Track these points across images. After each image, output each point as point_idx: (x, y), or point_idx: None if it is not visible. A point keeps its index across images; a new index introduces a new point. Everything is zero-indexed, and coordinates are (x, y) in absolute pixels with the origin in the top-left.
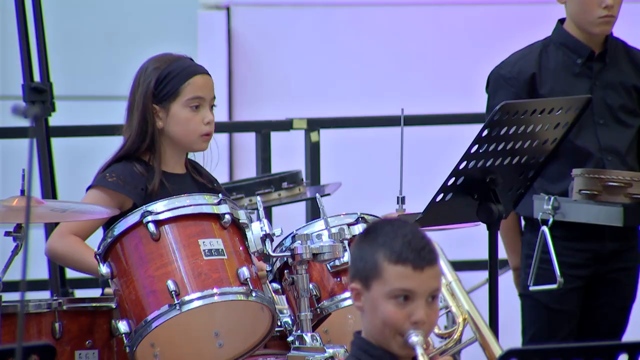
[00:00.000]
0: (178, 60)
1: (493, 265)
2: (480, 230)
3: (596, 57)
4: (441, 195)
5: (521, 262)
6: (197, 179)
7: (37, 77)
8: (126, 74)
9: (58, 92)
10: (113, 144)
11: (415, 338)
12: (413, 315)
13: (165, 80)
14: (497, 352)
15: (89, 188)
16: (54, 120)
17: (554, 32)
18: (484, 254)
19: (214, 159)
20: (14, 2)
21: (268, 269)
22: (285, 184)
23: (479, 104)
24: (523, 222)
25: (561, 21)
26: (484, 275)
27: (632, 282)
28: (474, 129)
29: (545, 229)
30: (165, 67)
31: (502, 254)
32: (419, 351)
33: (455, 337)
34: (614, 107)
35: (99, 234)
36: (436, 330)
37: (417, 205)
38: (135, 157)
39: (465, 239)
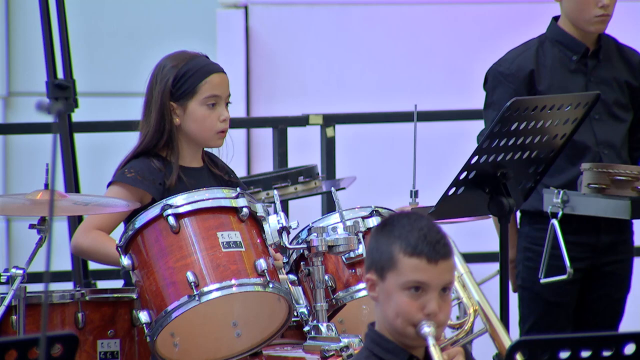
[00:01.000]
0: (195, 58)
1: (504, 258)
2: (490, 222)
3: (590, 54)
4: (453, 189)
5: (518, 254)
6: (214, 172)
7: (60, 75)
8: (146, 71)
9: (81, 89)
10: (133, 139)
11: (427, 329)
12: (426, 307)
13: (183, 78)
14: (507, 343)
15: (109, 184)
16: (77, 116)
17: (549, 29)
18: (493, 246)
19: (229, 153)
20: (38, 1)
21: (285, 261)
22: (301, 178)
23: None
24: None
25: (555, 19)
26: (494, 267)
27: (627, 273)
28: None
29: (555, 222)
30: (182, 66)
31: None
32: (431, 342)
33: (466, 328)
34: (608, 102)
35: (120, 227)
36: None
37: (430, 198)
38: (153, 152)
39: (476, 232)
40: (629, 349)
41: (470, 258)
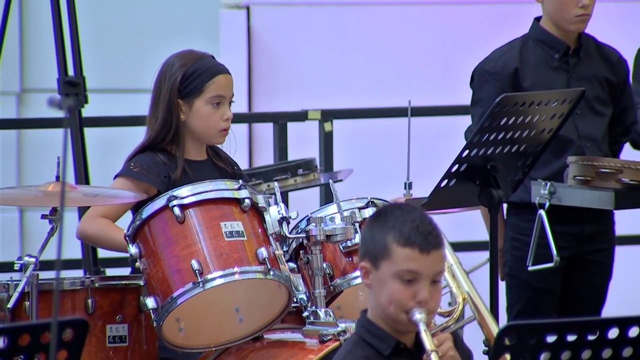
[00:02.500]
0: (202, 58)
1: (494, 246)
2: (478, 213)
3: (571, 52)
4: (445, 181)
5: (505, 244)
6: (218, 164)
7: (71, 72)
8: (153, 68)
9: (90, 86)
10: (141, 133)
11: (418, 315)
12: (417, 295)
13: (191, 77)
14: (494, 329)
15: (115, 177)
16: (87, 111)
17: (532, 29)
18: (481, 236)
19: (232, 147)
20: (50, 2)
21: (285, 249)
22: (300, 171)
23: None
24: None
25: (537, 19)
26: (482, 255)
27: (609, 262)
28: None
29: (542, 212)
30: (191, 65)
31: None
32: (422, 327)
33: (455, 315)
34: (589, 98)
35: (127, 216)
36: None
37: (423, 190)
38: (159, 147)
39: (466, 222)
40: (613, 333)
41: (461, 247)
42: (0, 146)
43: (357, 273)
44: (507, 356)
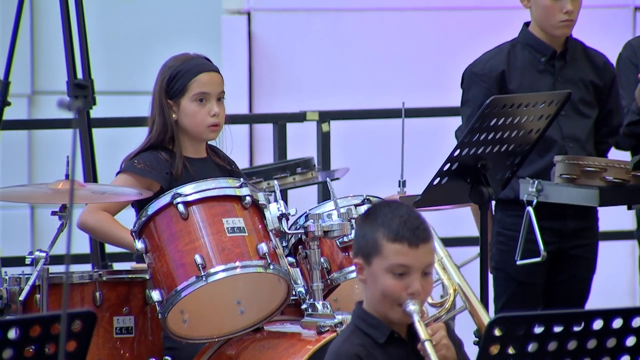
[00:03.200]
0: (190, 59)
1: (484, 242)
2: (469, 210)
3: (558, 56)
4: (438, 179)
5: (492, 238)
6: (217, 162)
7: (79, 75)
8: (156, 71)
9: (98, 88)
10: (145, 133)
11: (412, 307)
12: (410, 287)
13: (175, 78)
14: (485, 319)
15: (118, 173)
16: (95, 112)
17: (520, 34)
18: (471, 231)
19: (229, 147)
20: (60, 8)
21: (284, 245)
22: (299, 169)
23: None
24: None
25: (526, 24)
26: (472, 250)
27: (592, 256)
28: None
29: (530, 209)
30: (177, 66)
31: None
32: (416, 318)
33: (447, 306)
34: (574, 100)
35: (132, 213)
36: (430, 300)
37: (416, 188)
38: (161, 146)
39: (458, 218)
40: (597, 324)
41: (452, 242)
42: (12, 146)
43: (353, 267)
44: (497, 346)
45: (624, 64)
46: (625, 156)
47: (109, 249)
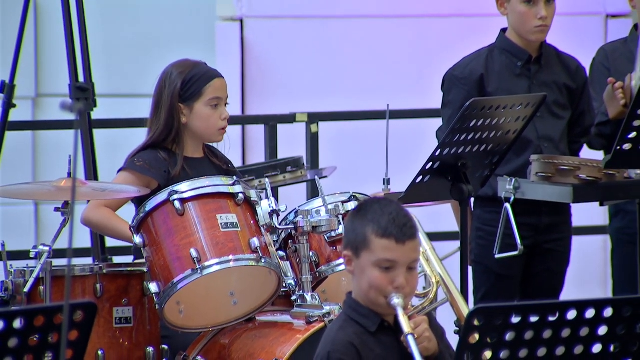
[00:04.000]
0: (198, 65)
1: (464, 236)
2: (449, 206)
3: (533, 60)
4: (420, 177)
5: (471, 233)
6: (213, 162)
7: (81, 78)
8: (155, 75)
9: (99, 91)
10: (144, 134)
11: (396, 300)
12: (395, 281)
13: (190, 82)
14: (465, 310)
15: (120, 170)
16: (96, 114)
17: (498, 39)
18: (452, 227)
19: (226, 146)
20: (62, 15)
21: (275, 239)
22: (289, 168)
23: None
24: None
25: (503, 30)
26: (453, 244)
27: (566, 250)
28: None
29: (508, 205)
30: (189, 72)
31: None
32: (400, 312)
33: (430, 296)
34: (549, 102)
35: (132, 209)
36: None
37: (400, 185)
38: (160, 146)
39: (439, 214)
40: (571, 314)
41: (434, 237)
42: (17, 146)
43: (341, 260)
44: (476, 335)
45: (597, 68)
46: (598, 155)
47: (109, 243)
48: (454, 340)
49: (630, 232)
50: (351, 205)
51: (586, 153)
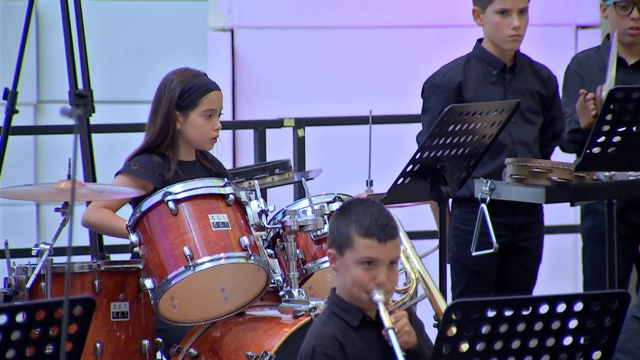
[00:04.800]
0: (198, 76)
1: (442, 235)
2: (428, 206)
3: (508, 69)
4: (401, 179)
5: (449, 232)
6: (204, 165)
7: (80, 85)
8: (151, 83)
9: (97, 97)
10: (140, 139)
11: (378, 296)
12: (377, 278)
13: (188, 92)
14: (442, 305)
15: (117, 173)
16: (94, 119)
17: (474, 49)
18: (430, 226)
19: (219, 151)
20: (62, 24)
21: (264, 238)
22: (277, 170)
23: None
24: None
25: (479, 40)
26: (432, 242)
27: (539, 248)
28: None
29: (484, 206)
30: (188, 82)
31: (434, 226)
32: (381, 307)
33: (410, 292)
34: (522, 108)
35: (128, 209)
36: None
37: (382, 187)
38: (155, 150)
39: (419, 213)
40: (543, 309)
41: (414, 235)
42: (20, 150)
43: (326, 258)
44: (454, 328)
45: (571, 76)
46: (569, 158)
47: (107, 241)
48: (432, 334)
49: (600, 231)
50: (336, 206)
51: (557, 156)
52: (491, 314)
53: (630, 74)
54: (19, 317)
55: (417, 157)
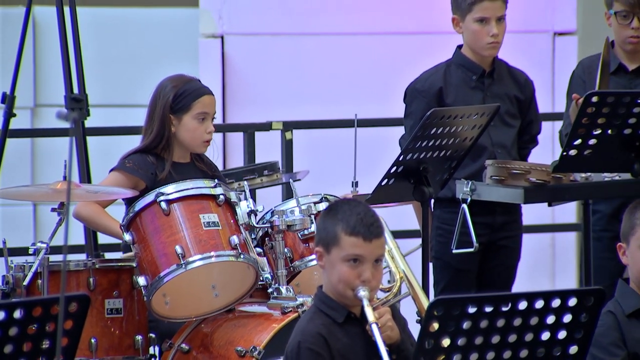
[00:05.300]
0: (191, 81)
1: (425, 234)
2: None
3: (487, 74)
4: (385, 180)
5: (432, 232)
6: (199, 166)
7: (76, 89)
8: (145, 87)
9: (92, 101)
10: (134, 141)
11: (362, 292)
12: (362, 275)
13: (181, 96)
14: (425, 303)
15: (111, 170)
16: (89, 123)
17: (454, 55)
18: (414, 225)
19: (214, 154)
20: (58, 31)
21: (253, 237)
22: (266, 172)
23: None
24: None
25: (459, 47)
26: (415, 241)
27: (517, 246)
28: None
29: (465, 206)
30: (181, 86)
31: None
32: (365, 303)
33: (394, 290)
34: (501, 112)
35: (121, 210)
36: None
37: (367, 187)
38: (151, 152)
39: (402, 213)
40: (522, 305)
41: (397, 234)
42: (17, 152)
43: (313, 256)
44: (436, 324)
45: (575, 81)
46: (546, 160)
47: (101, 240)
48: (415, 330)
49: (596, 229)
50: (323, 206)
51: (534, 158)
52: (472, 310)
53: (630, 80)
54: (17, 314)
55: (400, 159)
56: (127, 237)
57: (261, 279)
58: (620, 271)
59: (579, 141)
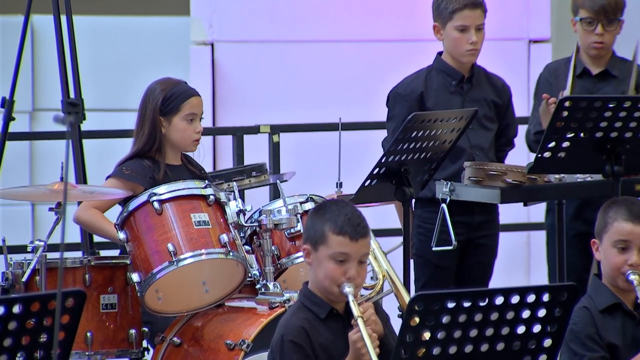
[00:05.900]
0: (178, 84)
1: (406, 233)
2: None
3: (465, 80)
4: (368, 181)
5: (413, 230)
6: (189, 168)
7: (72, 94)
8: (137, 92)
9: (88, 106)
10: (127, 144)
11: (348, 289)
12: (347, 273)
13: (170, 99)
14: (407, 299)
15: (108, 177)
16: (85, 126)
17: (435, 61)
18: (395, 224)
19: (201, 155)
20: (55, 38)
21: (241, 235)
22: (254, 173)
23: None
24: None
25: (439, 53)
26: (397, 239)
27: (494, 244)
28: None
29: (444, 206)
30: (169, 89)
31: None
32: (350, 298)
33: (377, 288)
34: (479, 116)
35: (116, 209)
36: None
37: (351, 188)
38: (145, 155)
39: (384, 213)
40: (499, 300)
41: (380, 233)
42: (16, 154)
43: (299, 254)
44: (417, 318)
45: (542, 83)
46: (522, 162)
47: (97, 238)
48: (397, 324)
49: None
50: (308, 206)
51: (511, 159)
52: (451, 305)
53: (594, 83)
54: (16, 309)
55: (383, 160)
56: (121, 235)
57: (249, 275)
58: (584, 267)
59: (553, 144)
